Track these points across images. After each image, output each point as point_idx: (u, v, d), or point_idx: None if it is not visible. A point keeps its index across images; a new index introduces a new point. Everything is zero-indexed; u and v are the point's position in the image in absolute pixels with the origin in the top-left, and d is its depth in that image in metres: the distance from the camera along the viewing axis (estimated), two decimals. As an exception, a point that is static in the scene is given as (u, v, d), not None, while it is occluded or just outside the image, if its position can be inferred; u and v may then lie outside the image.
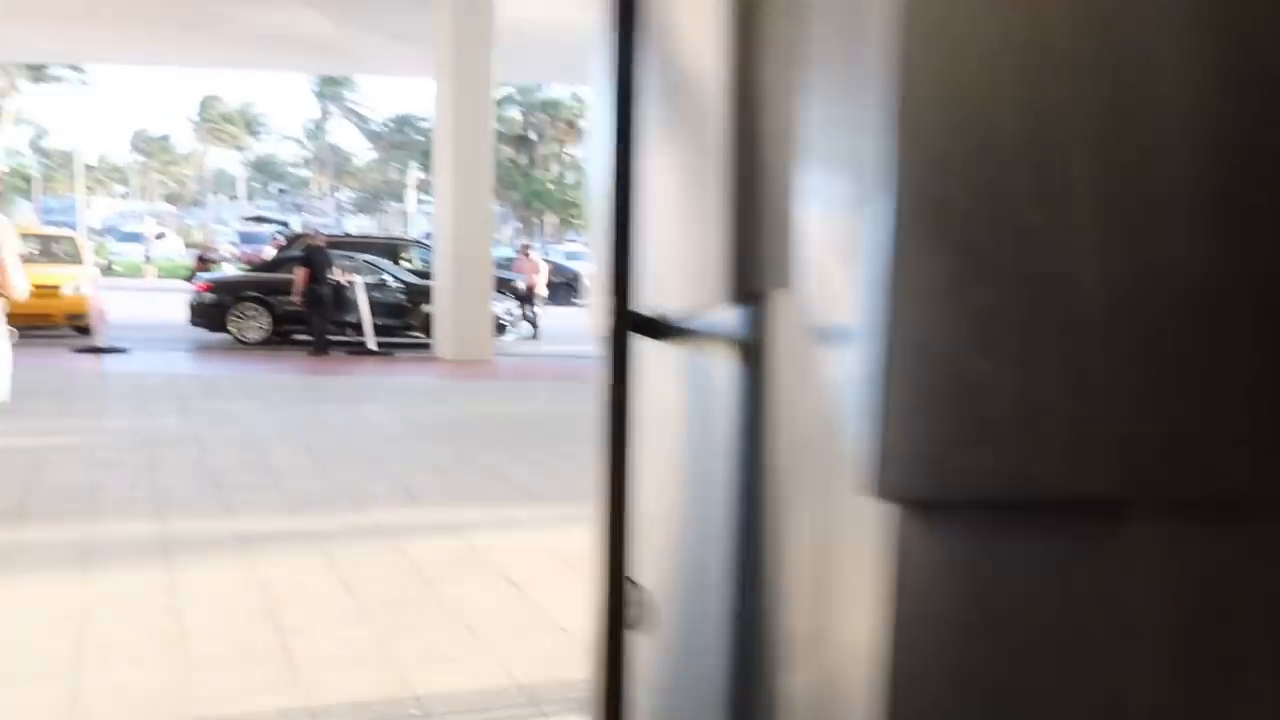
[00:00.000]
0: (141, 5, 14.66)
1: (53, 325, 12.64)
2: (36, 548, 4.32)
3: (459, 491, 5.60)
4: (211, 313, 13.82)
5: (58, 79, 55.14)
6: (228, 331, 13.70)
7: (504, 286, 16.31)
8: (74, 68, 52.78)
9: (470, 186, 12.99)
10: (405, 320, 14.27)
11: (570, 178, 51.87)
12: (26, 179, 58.39)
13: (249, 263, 24.89)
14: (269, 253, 22.62)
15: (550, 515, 5.10)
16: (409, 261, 17.42)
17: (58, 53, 27.34)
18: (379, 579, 3.99)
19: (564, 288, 28.11)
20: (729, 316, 0.99)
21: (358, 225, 73.67)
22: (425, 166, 57.42)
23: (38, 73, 53.53)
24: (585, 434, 7.04)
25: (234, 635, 3.40)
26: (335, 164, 76.01)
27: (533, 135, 55.04)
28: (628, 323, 1.03)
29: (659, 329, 1.07)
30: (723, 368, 1.00)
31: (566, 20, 14.57)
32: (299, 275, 12.65)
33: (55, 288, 12.72)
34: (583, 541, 4.62)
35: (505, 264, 20.03)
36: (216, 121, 73.18)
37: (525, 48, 15.19)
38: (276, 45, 17.20)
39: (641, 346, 1.08)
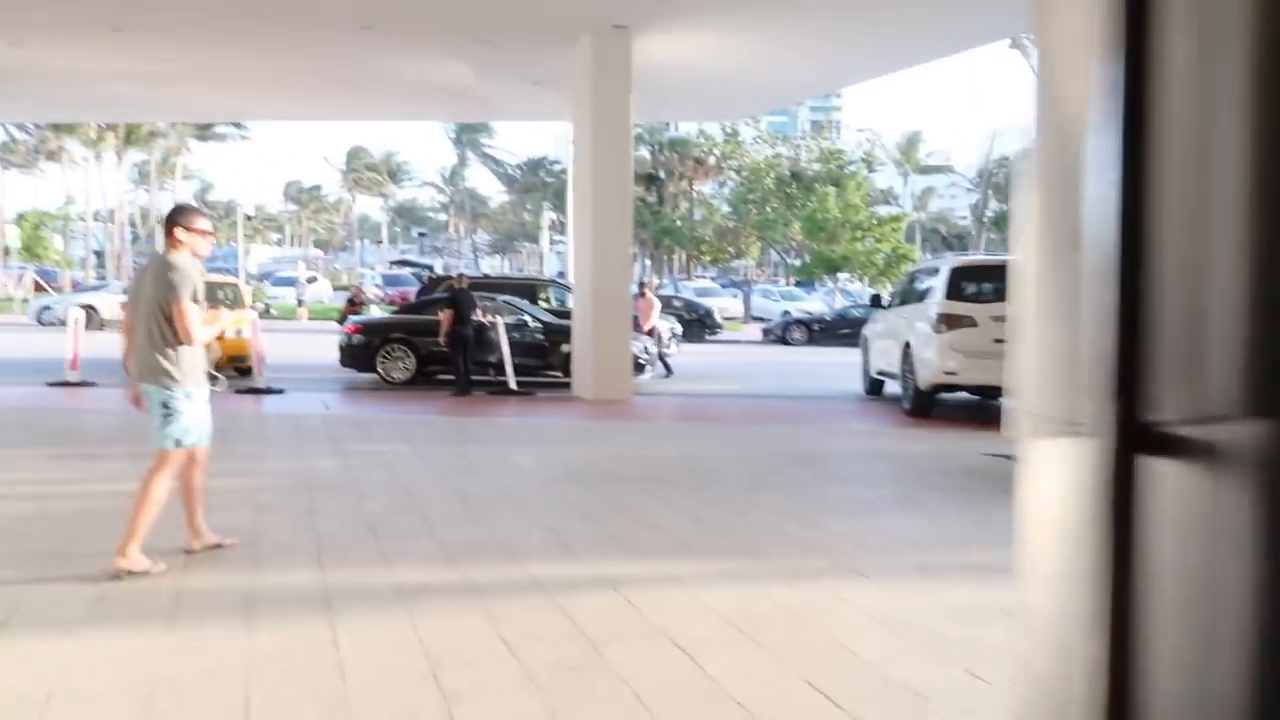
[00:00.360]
0: (301, 64, 15.45)
1: (217, 368, 13.27)
2: (203, 595, 4.35)
3: (613, 542, 5.40)
4: (360, 354, 14.25)
5: (222, 136, 59.36)
6: (376, 372, 14.09)
7: (637, 325, 16.25)
8: (236, 125, 56.73)
9: (609, 227, 13.01)
10: (545, 360, 14.35)
11: (698, 214, 51.94)
12: (194, 229, 62.63)
13: (393, 304, 25.81)
14: (412, 295, 23.40)
15: (709, 571, 4.83)
16: (546, 301, 17.61)
17: (223, 111, 29.34)
18: (541, 639, 3.80)
19: (695, 324, 27.99)
20: (1258, 431, 0.71)
21: (492, 266, 76.08)
22: (557, 208, 58.76)
23: (204, 131, 57.70)
24: (733, 480, 6.77)
25: (398, 700, 3.26)
26: (471, 207, 78.80)
27: (661, 173, 55.56)
28: (1134, 435, 0.77)
29: (1163, 443, 0.81)
30: (1246, 499, 0.72)
31: (699, 60, 14.53)
32: (445, 317, 12.89)
33: (220, 332, 13.39)
34: (747, 601, 4.32)
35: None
36: (361, 171, 77.07)
37: (658, 88, 15.21)
38: (420, 96, 17.83)
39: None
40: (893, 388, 12.96)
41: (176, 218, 4.83)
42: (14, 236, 45.52)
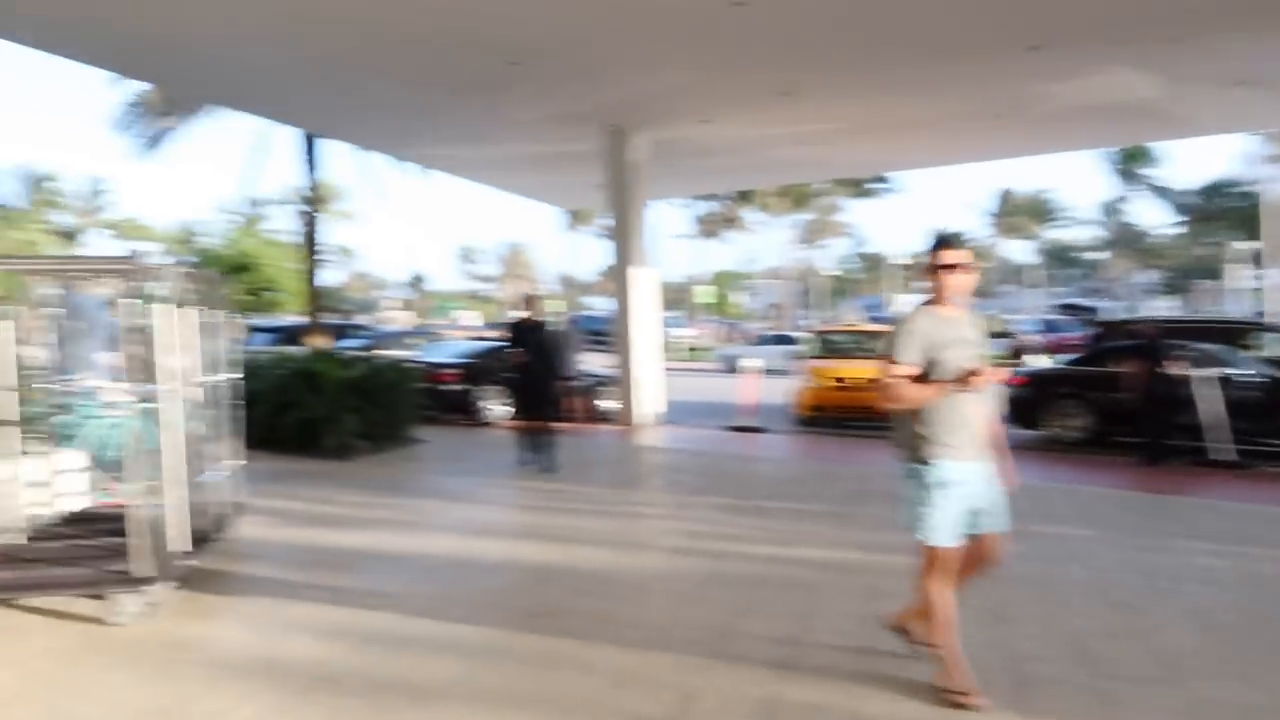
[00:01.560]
0: (956, 103, 14.74)
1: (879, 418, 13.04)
2: (801, 712, 3.54)
3: None
4: (1027, 408, 12.81)
5: (870, 191, 62.51)
6: (1044, 430, 12.50)
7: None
8: (881, 179, 59.24)
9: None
10: (1265, 423, 11.30)
11: None
12: (851, 281, 68.20)
13: (1055, 352, 23.64)
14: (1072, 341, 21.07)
15: None
16: (1255, 349, 14.12)
17: (874, 165, 30.17)
18: None
19: None
20: None
21: (1156, 308, 67.32)
22: (1248, 236, 49.40)
23: (856, 188, 61.34)
24: None
25: None
26: (1134, 243, 70.91)
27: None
28: None
29: None
30: None
31: None
32: (1136, 370, 10.84)
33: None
34: None
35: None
36: (1011, 214, 74.67)
37: None
38: (1082, 120, 15.81)
39: None
40: None
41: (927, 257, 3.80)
42: (708, 294, 53.54)
